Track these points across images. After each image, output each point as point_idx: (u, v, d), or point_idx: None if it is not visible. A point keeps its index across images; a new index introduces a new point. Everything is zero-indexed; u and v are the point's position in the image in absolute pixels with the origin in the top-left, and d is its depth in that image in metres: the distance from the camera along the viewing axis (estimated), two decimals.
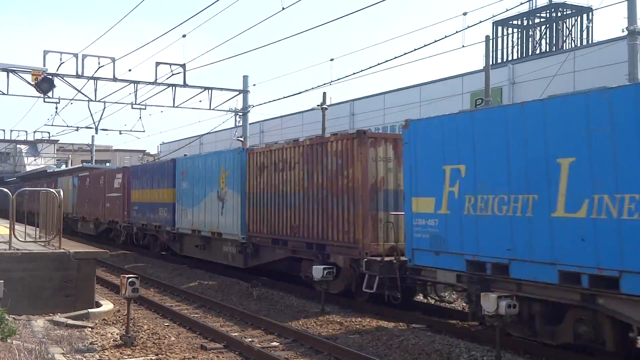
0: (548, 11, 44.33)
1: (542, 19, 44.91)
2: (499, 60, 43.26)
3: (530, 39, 44.73)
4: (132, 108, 30.61)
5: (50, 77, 26.51)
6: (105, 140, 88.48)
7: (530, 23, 44.89)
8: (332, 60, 49.13)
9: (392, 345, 11.08)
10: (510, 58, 43.17)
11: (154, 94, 30.25)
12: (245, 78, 31.75)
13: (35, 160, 77.31)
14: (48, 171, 55.28)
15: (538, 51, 43.03)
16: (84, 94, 29.00)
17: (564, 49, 39.87)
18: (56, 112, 34.91)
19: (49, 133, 57.31)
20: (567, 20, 44.19)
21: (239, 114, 32.55)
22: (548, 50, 42.66)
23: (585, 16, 43.49)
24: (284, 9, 19.65)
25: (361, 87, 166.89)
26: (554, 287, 9.82)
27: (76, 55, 27.08)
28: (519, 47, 44.86)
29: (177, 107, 30.50)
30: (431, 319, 13.39)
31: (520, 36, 45.14)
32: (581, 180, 9.42)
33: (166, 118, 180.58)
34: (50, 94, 27.30)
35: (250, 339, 11.76)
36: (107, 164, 73.05)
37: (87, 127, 41.64)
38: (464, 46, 73.46)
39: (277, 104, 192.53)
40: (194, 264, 23.03)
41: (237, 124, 35.65)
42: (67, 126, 40.28)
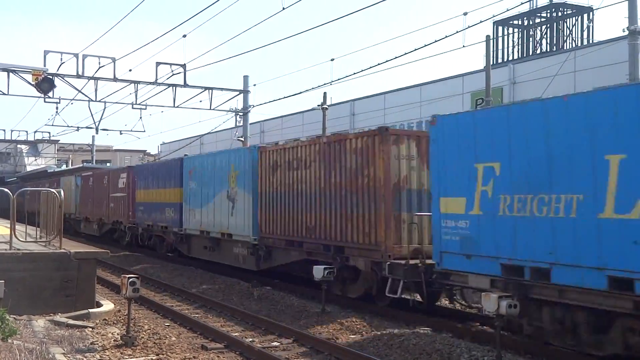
0: (548, 11, 44.30)
1: (542, 19, 44.89)
2: (500, 60, 43.24)
3: (531, 38, 44.71)
4: (133, 108, 30.66)
5: (51, 77, 26.54)
6: (105, 141, 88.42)
7: (531, 23, 44.88)
8: (332, 60, 49.25)
9: (392, 345, 11.07)
10: (510, 58, 43.14)
11: (154, 94, 30.38)
12: (246, 78, 31.79)
13: (35, 160, 77.29)
14: (49, 171, 55.25)
15: (538, 51, 43.00)
16: (84, 94, 29.05)
17: (565, 48, 39.84)
18: (56, 112, 35.00)
19: (49, 133, 57.51)
20: (568, 20, 44.16)
21: (240, 114, 32.60)
22: (548, 50, 42.64)
23: (585, 16, 43.49)
24: (284, 9, 19.70)
25: (361, 87, 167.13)
26: (601, 293, 9.10)
27: (76, 55, 27.14)
28: (520, 47, 44.84)
29: (177, 107, 30.56)
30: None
31: (520, 36, 45.13)
32: (633, 179, 8.69)
33: (166, 118, 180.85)
34: (50, 94, 27.37)
35: (250, 339, 11.77)
36: (108, 164, 73.14)
37: (87, 127, 41.73)
38: (464, 46, 73.73)
39: (277, 104, 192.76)
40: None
41: (238, 124, 35.72)
42: (68, 126, 40.33)
